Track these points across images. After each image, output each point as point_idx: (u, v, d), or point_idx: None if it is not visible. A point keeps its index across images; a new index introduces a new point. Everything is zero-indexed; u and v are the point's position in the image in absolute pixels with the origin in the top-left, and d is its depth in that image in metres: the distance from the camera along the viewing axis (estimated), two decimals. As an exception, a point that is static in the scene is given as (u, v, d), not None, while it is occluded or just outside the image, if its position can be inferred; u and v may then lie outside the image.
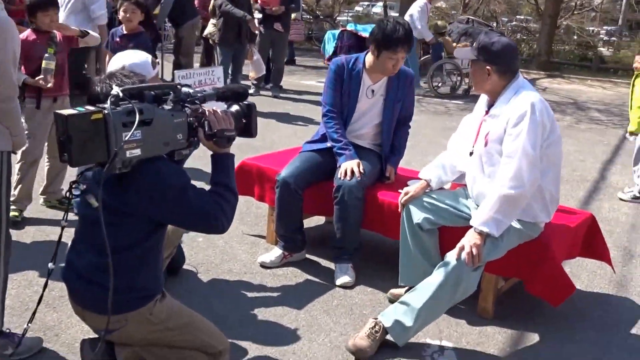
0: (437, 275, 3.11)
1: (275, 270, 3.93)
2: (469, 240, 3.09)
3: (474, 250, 3.05)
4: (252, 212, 4.84)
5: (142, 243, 2.47)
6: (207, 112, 2.54)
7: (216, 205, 2.47)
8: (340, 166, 3.81)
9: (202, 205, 2.43)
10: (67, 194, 2.45)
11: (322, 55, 14.35)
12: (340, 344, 3.16)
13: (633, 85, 5.66)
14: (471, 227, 3.17)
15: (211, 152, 2.59)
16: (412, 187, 3.51)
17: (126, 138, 2.25)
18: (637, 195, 5.68)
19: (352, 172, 3.72)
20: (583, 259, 4.06)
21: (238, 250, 4.19)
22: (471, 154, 3.31)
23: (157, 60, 4.09)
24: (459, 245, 3.11)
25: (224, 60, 8.43)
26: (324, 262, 4.06)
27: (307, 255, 4.10)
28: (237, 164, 4.22)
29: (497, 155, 3.18)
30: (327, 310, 3.49)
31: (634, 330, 3.50)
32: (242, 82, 8.98)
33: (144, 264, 2.51)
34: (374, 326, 3.10)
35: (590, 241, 3.71)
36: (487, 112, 3.28)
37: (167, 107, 2.45)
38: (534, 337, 3.35)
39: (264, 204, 4.50)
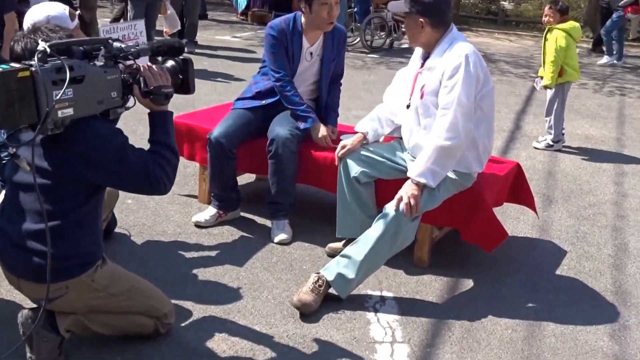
0: (377, 227, 3.16)
1: (210, 229, 3.88)
2: (407, 191, 3.15)
3: (412, 201, 3.11)
4: (181, 172, 4.70)
5: (80, 207, 2.38)
6: (141, 68, 2.45)
7: (157, 165, 2.40)
8: (311, 132, 3.80)
9: (143, 165, 2.37)
10: None
11: (235, 9, 14.12)
12: (284, 300, 3.18)
13: (545, 39, 5.84)
14: (407, 179, 3.23)
15: (148, 111, 2.51)
16: (349, 140, 3.52)
17: (57, 97, 2.14)
18: (551, 143, 5.93)
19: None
20: (506, 207, 4.23)
21: (170, 210, 4.11)
22: (408, 106, 3.35)
23: (77, 12, 3.89)
24: (397, 196, 3.16)
25: (137, 15, 8.10)
26: (260, 220, 4.04)
27: (242, 213, 4.07)
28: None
29: (433, 107, 3.23)
30: (267, 268, 3.49)
31: (558, 271, 3.70)
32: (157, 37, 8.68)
33: (83, 229, 2.42)
34: (317, 280, 3.13)
35: (516, 189, 3.85)
36: (422, 65, 3.31)
37: (99, 63, 2.34)
38: (469, 283, 3.48)
39: (192, 162, 4.42)
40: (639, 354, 2.97)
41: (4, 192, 2.57)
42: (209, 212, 3.95)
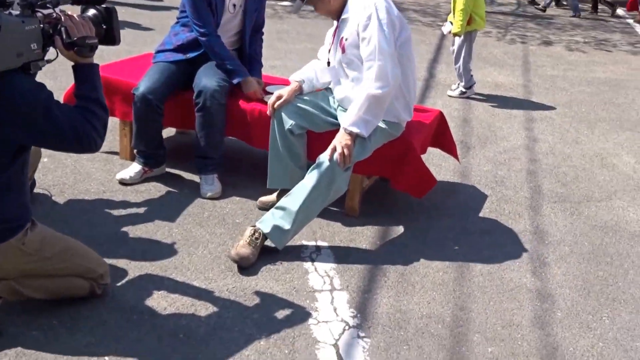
0: (311, 177, 3.18)
1: (136, 186, 3.78)
2: (340, 141, 3.17)
3: (346, 151, 3.14)
4: (97, 128, 4.56)
5: (5, 169, 2.27)
6: (62, 18, 2.32)
7: (85, 121, 2.31)
8: (242, 85, 3.74)
9: (70, 122, 2.27)
10: None
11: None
12: (220, 254, 3.16)
13: None
14: (338, 129, 3.25)
15: (72, 63, 2.39)
16: (285, 90, 3.49)
17: None
18: (464, 90, 6.10)
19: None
20: (428, 154, 4.32)
21: (91, 168, 3.96)
22: (329, 64, 3.36)
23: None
24: (330, 146, 3.18)
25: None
26: (186, 175, 3.97)
27: (167, 169, 3.98)
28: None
29: (356, 60, 3.24)
30: (200, 223, 3.45)
31: (481, 214, 3.86)
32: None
33: (10, 191, 2.31)
34: (254, 233, 3.13)
35: (440, 136, 3.95)
36: (338, 19, 3.31)
37: (15, 12, 2.20)
38: (399, 229, 3.57)
39: (110, 117, 4.25)
40: (558, 288, 3.16)
41: None
42: (134, 168, 3.84)
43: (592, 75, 7.42)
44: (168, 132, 4.49)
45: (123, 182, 3.79)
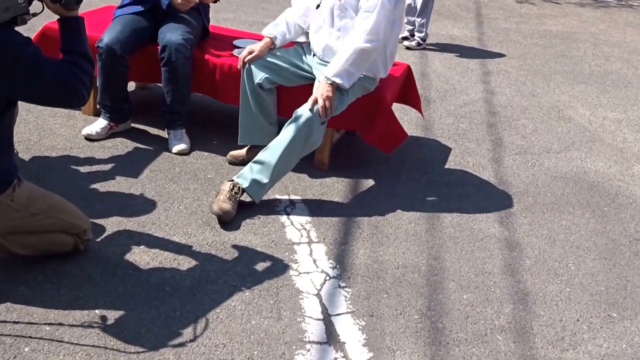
0: (288, 131, 3.20)
1: (103, 142, 3.73)
2: (322, 92, 3.18)
3: (327, 103, 3.16)
4: (56, 82, 4.44)
5: None
6: None
7: (73, 75, 2.30)
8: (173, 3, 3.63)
9: (59, 76, 2.26)
10: None
11: None
12: (196, 209, 3.17)
13: None
14: (310, 85, 3.27)
15: (58, 17, 2.35)
16: (257, 45, 3.46)
17: None
18: (421, 42, 6.16)
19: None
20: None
21: (54, 124, 3.88)
22: (318, 6, 3.32)
23: None
24: (311, 98, 3.19)
25: None
26: (153, 130, 3.93)
27: (132, 124, 3.93)
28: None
29: (350, 10, 3.23)
30: (172, 178, 3.44)
31: (446, 166, 3.96)
32: None
33: None
34: (233, 188, 3.14)
35: (406, 90, 4.00)
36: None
37: None
38: (369, 182, 3.64)
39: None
40: (525, 237, 3.30)
41: None
42: (99, 124, 3.77)
43: (543, 28, 7.57)
44: (129, 87, 4.41)
45: (89, 138, 3.73)
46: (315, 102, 3.16)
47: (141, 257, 2.77)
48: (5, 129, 2.29)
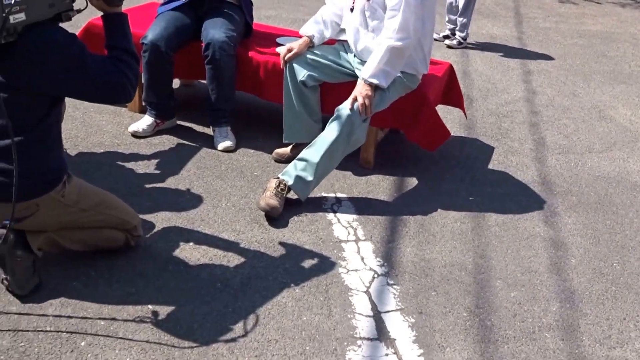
0: (331, 129, 3.22)
1: (149, 139, 3.78)
2: (360, 91, 3.20)
3: (367, 101, 3.18)
4: (101, 80, 4.52)
5: (42, 121, 2.27)
6: None
7: (118, 71, 2.31)
8: None
9: (104, 72, 2.27)
10: None
11: None
12: (244, 207, 3.20)
13: None
14: (353, 81, 3.29)
15: (101, 13, 2.38)
16: (295, 44, 3.49)
17: (12, 0, 2.00)
18: (462, 41, 6.14)
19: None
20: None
21: (100, 121, 3.95)
22: (352, 10, 3.34)
23: None
24: (351, 97, 3.21)
25: None
26: (198, 127, 3.98)
27: (178, 122, 3.99)
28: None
29: (380, 9, 3.24)
30: (219, 175, 3.48)
31: (490, 166, 3.94)
32: None
33: (47, 144, 2.32)
34: (279, 185, 3.17)
35: (449, 89, 3.99)
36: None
37: None
38: (413, 181, 3.64)
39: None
40: (570, 236, 3.27)
41: None
42: (146, 121, 3.83)
43: (583, 27, 7.48)
44: (173, 84, 4.47)
45: (135, 135, 3.78)
46: (355, 100, 3.17)
47: (191, 253, 2.81)
48: (54, 126, 2.32)
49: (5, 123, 2.13)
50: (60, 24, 2.25)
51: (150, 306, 2.47)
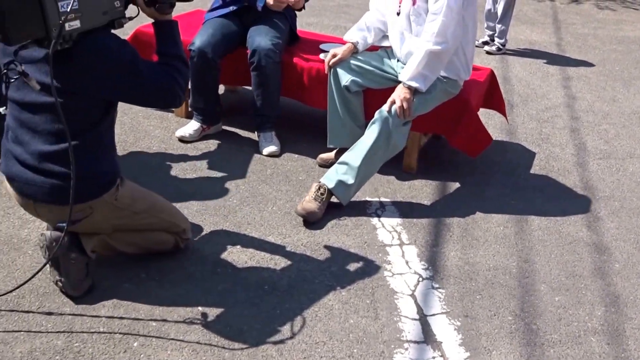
0: (370, 132, 3.27)
1: (196, 144, 3.87)
2: (399, 94, 3.24)
3: (405, 104, 3.22)
4: (147, 87, 4.63)
5: (96, 125, 2.34)
6: None
7: (169, 76, 2.37)
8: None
9: (156, 77, 2.33)
10: (4, 77, 2.21)
11: None
12: (290, 211, 3.26)
13: None
14: (395, 87, 3.33)
15: (152, 20, 2.44)
16: (339, 50, 3.55)
17: (68, 8, 2.07)
18: (501, 47, 6.14)
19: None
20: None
21: (148, 126, 4.05)
22: (398, 14, 3.38)
23: None
24: (389, 100, 3.26)
25: None
26: (243, 132, 4.06)
27: (223, 127, 4.07)
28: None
29: (424, 14, 3.28)
30: (264, 180, 3.55)
31: (532, 171, 3.95)
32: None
33: (101, 147, 2.39)
34: (319, 189, 3.23)
35: (491, 95, 4.01)
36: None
37: None
38: (456, 186, 3.67)
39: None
40: (613, 241, 3.27)
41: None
42: (192, 126, 3.92)
43: (621, 33, 7.41)
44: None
45: (182, 140, 3.87)
46: (393, 103, 3.21)
47: (239, 256, 2.87)
48: (107, 130, 2.40)
49: (62, 127, 2.21)
50: (112, 31, 2.32)
51: (200, 308, 2.53)
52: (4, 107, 2.30)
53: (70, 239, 2.44)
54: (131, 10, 2.41)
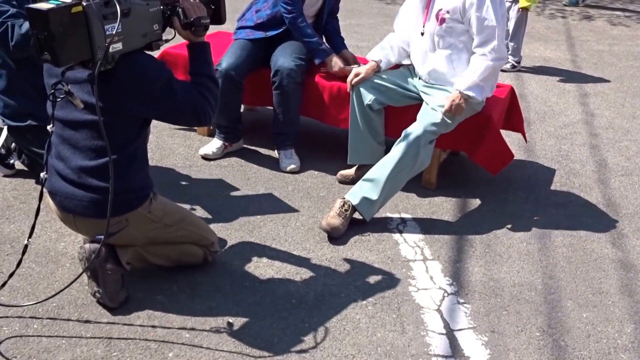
0: (397, 150, 3.29)
1: (219, 161, 3.91)
2: (453, 98, 3.29)
3: (458, 109, 3.29)
4: (168, 105, 4.68)
5: (132, 141, 2.41)
6: (180, 0, 2.44)
7: (201, 96, 2.45)
8: (327, 64, 3.81)
9: (188, 97, 2.40)
10: (51, 96, 2.30)
11: None
12: (313, 226, 3.29)
13: None
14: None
15: (187, 42, 2.51)
16: (362, 69, 3.59)
17: (114, 31, 2.14)
18: (515, 64, 6.17)
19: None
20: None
21: (172, 144, 4.10)
22: (422, 34, 3.42)
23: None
24: (446, 104, 3.30)
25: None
26: (263, 150, 4.09)
27: (244, 145, 4.11)
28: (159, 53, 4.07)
29: (455, 33, 3.32)
30: (286, 196, 3.57)
31: (553, 187, 3.95)
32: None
33: (136, 162, 2.47)
34: (343, 205, 3.25)
35: (511, 112, 4.02)
36: (434, -8, 3.39)
37: None
38: (476, 202, 3.68)
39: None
40: (639, 258, 3.26)
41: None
42: (215, 144, 3.96)
43: (637, 49, 7.43)
44: (237, 108, 4.61)
45: (206, 157, 3.92)
46: (449, 108, 3.27)
47: (265, 270, 2.89)
48: (142, 145, 2.48)
49: (101, 144, 2.30)
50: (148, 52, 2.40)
51: (230, 319, 2.56)
52: (52, 125, 2.36)
53: (107, 251, 2.51)
54: (168, 32, 2.48)
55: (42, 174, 2.41)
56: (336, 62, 3.79)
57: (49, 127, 2.36)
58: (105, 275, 2.51)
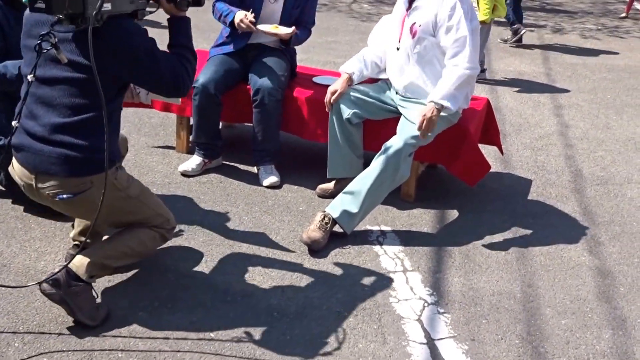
0: (378, 163, 3.32)
1: (198, 178, 3.92)
2: (425, 113, 3.30)
3: (430, 125, 3.30)
4: (146, 123, 4.70)
5: (110, 103, 2.44)
6: None
7: (180, 65, 2.54)
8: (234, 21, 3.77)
9: (170, 65, 2.49)
10: (37, 47, 2.32)
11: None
12: (293, 240, 3.30)
13: None
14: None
15: (168, 16, 2.60)
16: (337, 84, 3.63)
17: None
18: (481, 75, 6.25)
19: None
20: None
21: (151, 162, 4.10)
22: (398, 49, 3.48)
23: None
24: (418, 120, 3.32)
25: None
26: (242, 166, 4.11)
27: (223, 161, 4.12)
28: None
29: (429, 45, 3.37)
30: (267, 211, 3.59)
31: (530, 197, 4.01)
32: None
33: (111, 124, 2.47)
34: (324, 218, 3.27)
35: (487, 125, 4.07)
36: (408, 8, 3.44)
37: None
38: (454, 213, 3.72)
39: (156, 112, 4.46)
40: (616, 265, 3.31)
41: None
42: (194, 161, 3.97)
43: (610, 62, 7.57)
44: (216, 125, 4.62)
45: (185, 174, 3.92)
46: (421, 125, 3.28)
47: (247, 284, 2.90)
48: (117, 109, 2.54)
49: (78, 101, 2.37)
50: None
51: (212, 334, 2.56)
52: (32, 75, 2.36)
53: (65, 275, 2.48)
54: (152, 5, 2.56)
55: (13, 122, 2.41)
56: (238, 16, 3.73)
57: (29, 77, 2.37)
58: (75, 298, 2.48)
